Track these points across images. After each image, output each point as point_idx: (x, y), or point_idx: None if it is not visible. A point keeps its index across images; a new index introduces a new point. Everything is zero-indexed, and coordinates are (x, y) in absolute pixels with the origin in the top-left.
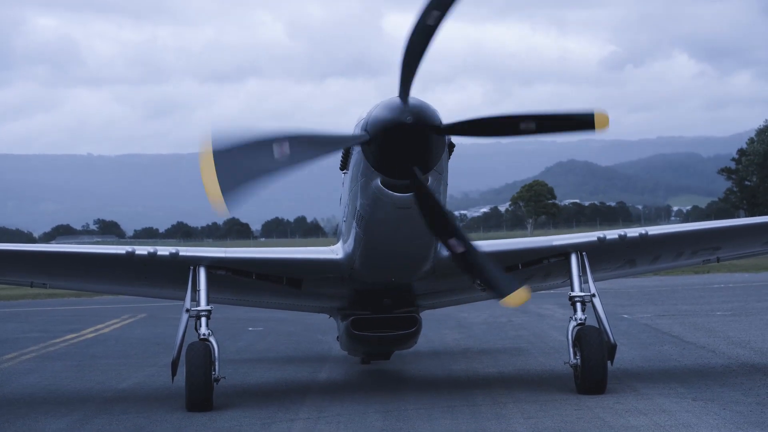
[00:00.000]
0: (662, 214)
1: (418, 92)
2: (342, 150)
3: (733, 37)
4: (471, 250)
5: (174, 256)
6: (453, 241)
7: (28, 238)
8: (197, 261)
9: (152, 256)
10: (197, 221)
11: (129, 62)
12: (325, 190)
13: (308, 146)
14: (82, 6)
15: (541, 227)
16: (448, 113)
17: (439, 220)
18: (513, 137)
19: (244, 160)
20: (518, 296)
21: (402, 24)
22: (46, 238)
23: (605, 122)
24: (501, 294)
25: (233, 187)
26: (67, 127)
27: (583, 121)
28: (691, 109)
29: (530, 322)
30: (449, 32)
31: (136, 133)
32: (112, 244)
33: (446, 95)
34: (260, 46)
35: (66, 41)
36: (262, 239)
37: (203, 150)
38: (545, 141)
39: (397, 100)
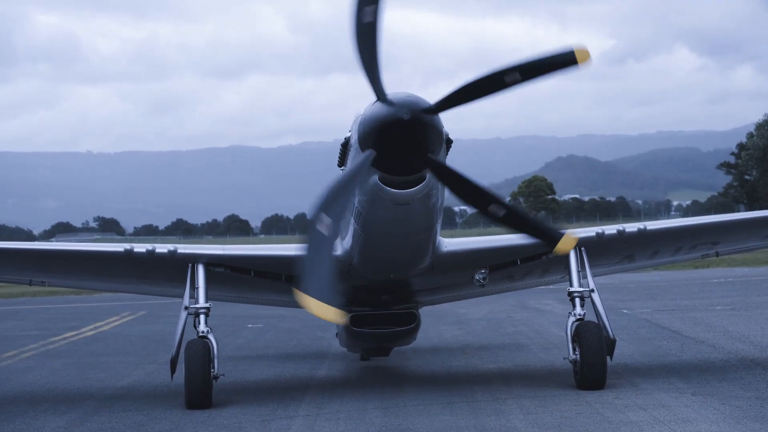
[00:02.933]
0: (662, 209)
1: (419, 88)
2: (340, 148)
3: (735, 30)
4: (511, 211)
5: (172, 254)
6: (492, 208)
7: (28, 236)
8: (196, 258)
9: (150, 253)
10: (197, 218)
11: (131, 59)
12: (324, 187)
13: (336, 199)
14: (84, 3)
15: None
16: (454, 108)
17: (472, 192)
18: (501, 92)
19: (314, 265)
20: (568, 241)
21: (401, 19)
22: (46, 235)
23: (586, 56)
24: (553, 242)
25: (329, 295)
26: (69, 124)
27: (565, 60)
28: (692, 104)
29: (529, 318)
30: (450, 27)
31: (137, 129)
32: (112, 241)
33: (447, 90)
34: (262, 42)
35: (68, 38)
36: (262, 236)
37: (301, 298)
38: (545, 136)
39: (419, 100)
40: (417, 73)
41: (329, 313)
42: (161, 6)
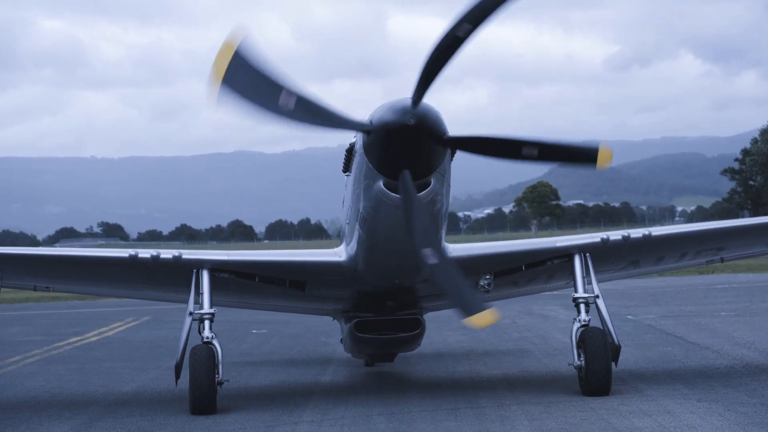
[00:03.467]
0: (666, 215)
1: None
2: (345, 149)
3: (740, 37)
4: (543, 146)
5: (177, 259)
6: (526, 151)
7: (32, 242)
8: (200, 264)
9: (155, 259)
10: (201, 224)
11: (135, 64)
12: (328, 192)
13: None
14: (88, 8)
15: (545, 228)
16: (455, 114)
17: (502, 146)
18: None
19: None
20: (605, 154)
21: (406, 26)
22: (50, 241)
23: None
24: (593, 159)
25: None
26: (73, 130)
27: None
28: (696, 110)
29: (534, 324)
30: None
31: (141, 135)
32: (116, 246)
33: (454, 95)
34: (267, 48)
35: (72, 43)
36: (266, 241)
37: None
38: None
39: (406, 101)
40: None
41: (488, 318)
42: (165, 11)
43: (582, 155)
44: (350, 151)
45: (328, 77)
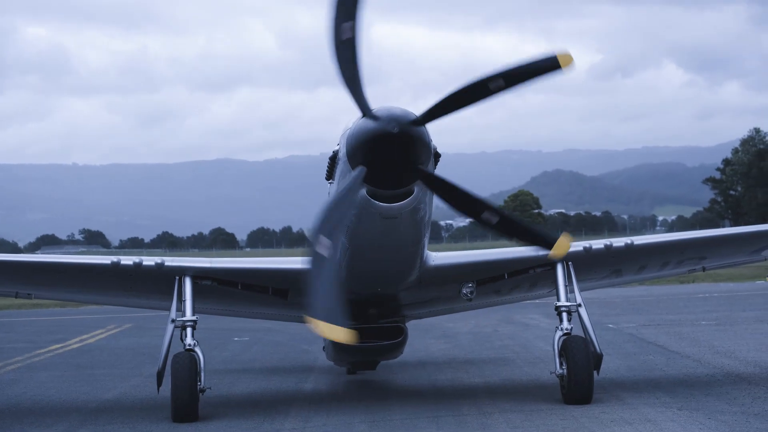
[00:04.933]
0: (647, 224)
1: (409, 102)
2: (328, 161)
3: (723, 47)
4: (504, 218)
5: (159, 267)
6: (486, 215)
7: (13, 248)
8: (183, 271)
9: (137, 266)
10: (183, 231)
11: (120, 71)
12: (311, 201)
13: (332, 220)
14: (73, 15)
15: None
16: (441, 122)
17: (465, 200)
18: (486, 99)
19: (319, 288)
20: (563, 244)
21: (390, 34)
22: (31, 248)
23: (569, 60)
24: (548, 246)
25: (338, 314)
26: (58, 137)
27: (548, 65)
28: (679, 119)
29: (515, 332)
30: (439, 41)
31: (125, 142)
32: (98, 254)
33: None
34: (251, 55)
35: (57, 50)
36: (248, 249)
37: (315, 325)
38: (531, 150)
39: (405, 112)
40: (406, 87)
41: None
42: (150, 19)
43: (544, 66)
44: (333, 159)
45: (313, 85)
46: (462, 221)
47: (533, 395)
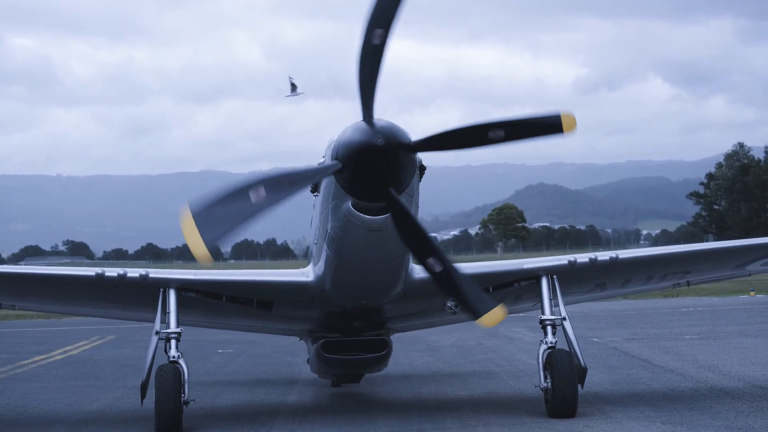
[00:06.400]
0: (631, 238)
1: (395, 115)
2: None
3: (709, 61)
4: (448, 269)
5: (144, 278)
6: (431, 261)
7: None
8: (167, 283)
9: (122, 278)
10: (167, 243)
11: (106, 82)
12: (295, 213)
13: (283, 185)
14: (59, 26)
15: (510, 250)
16: (425, 135)
17: (417, 240)
18: (483, 147)
19: (222, 212)
20: (494, 315)
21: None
22: (15, 259)
23: (572, 124)
24: (476, 314)
25: (215, 238)
26: (42, 147)
27: (550, 125)
28: (664, 133)
29: (500, 345)
30: (425, 54)
31: (110, 153)
32: (81, 265)
33: (423, 117)
34: (237, 67)
35: (43, 61)
36: (232, 261)
37: (184, 218)
38: (515, 164)
39: (363, 124)
40: (393, 100)
41: (498, 316)
42: (137, 30)
43: (547, 126)
44: None
45: (299, 97)
46: (446, 234)
47: (517, 408)
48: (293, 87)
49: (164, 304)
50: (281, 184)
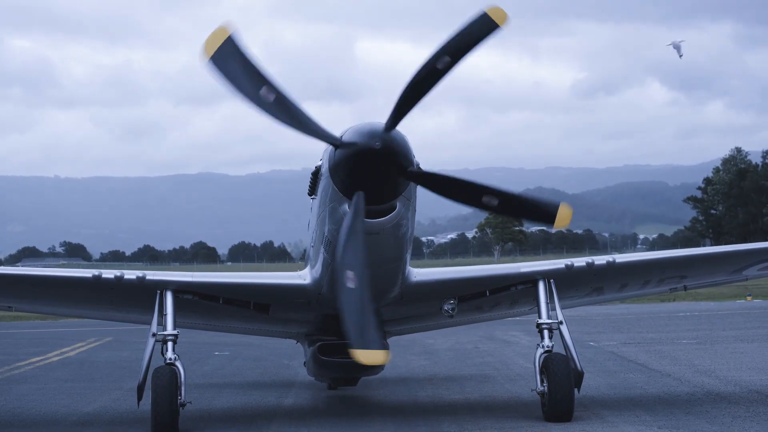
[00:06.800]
0: (628, 242)
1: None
2: (311, 176)
3: (707, 66)
4: (504, 197)
5: (141, 280)
6: (486, 199)
7: None
8: (164, 285)
9: (119, 279)
10: (164, 245)
11: (104, 84)
12: (292, 215)
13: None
14: (58, 28)
15: (507, 254)
16: (423, 138)
17: (463, 188)
18: (440, 79)
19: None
20: (564, 216)
21: (374, 50)
22: (12, 260)
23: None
24: (552, 216)
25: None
26: (40, 148)
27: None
28: (662, 138)
29: (496, 349)
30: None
31: (108, 154)
32: (78, 266)
33: (422, 120)
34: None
35: (41, 62)
36: (229, 263)
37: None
38: (513, 167)
39: (378, 126)
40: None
41: (377, 358)
42: (134, 32)
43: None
44: (316, 174)
45: (297, 99)
46: (443, 238)
47: (514, 412)
48: None
49: (161, 306)
50: (287, 108)
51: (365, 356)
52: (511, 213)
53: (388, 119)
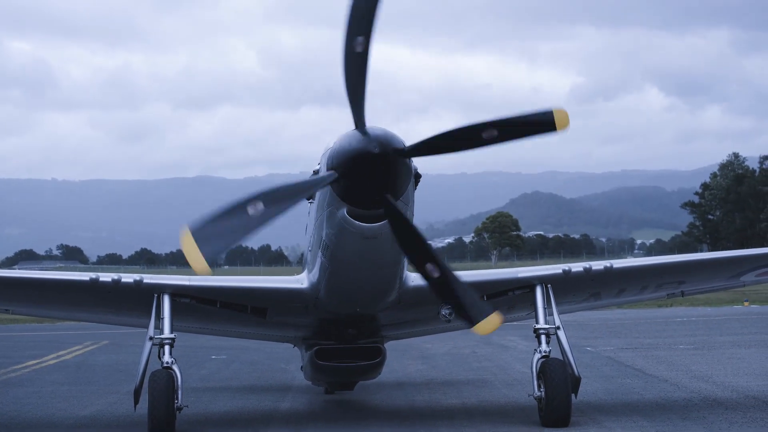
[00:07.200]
0: (626, 247)
1: (391, 123)
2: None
3: (705, 71)
4: (446, 275)
5: (138, 284)
6: (429, 266)
7: None
8: (161, 289)
9: (116, 283)
10: (161, 248)
11: (103, 87)
12: (289, 219)
13: (281, 199)
14: (57, 30)
15: (505, 259)
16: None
17: (415, 246)
18: (477, 148)
19: (221, 228)
20: (491, 322)
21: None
22: (9, 263)
23: (565, 121)
24: (473, 321)
25: (214, 252)
26: (38, 151)
27: (543, 123)
28: (659, 143)
29: (494, 354)
30: (421, 62)
31: (106, 158)
32: (75, 270)
33: (420, 124)
34: (233, 74)
35: (40, 65)
36: (226, 267)
37: (184, 236)
38: (510, 172)
39: (356, 133)
40: (390, 108)
41: (494, 322)
42: (133, 35)
43: (540, 124)
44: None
45: (296, 104)
46: (440, 242)
47: (511, 417)
48: None
49: (158, 310)
50: (279, 198)
51: (485, 326)
52: (514, 136)
53: (411, 145)
